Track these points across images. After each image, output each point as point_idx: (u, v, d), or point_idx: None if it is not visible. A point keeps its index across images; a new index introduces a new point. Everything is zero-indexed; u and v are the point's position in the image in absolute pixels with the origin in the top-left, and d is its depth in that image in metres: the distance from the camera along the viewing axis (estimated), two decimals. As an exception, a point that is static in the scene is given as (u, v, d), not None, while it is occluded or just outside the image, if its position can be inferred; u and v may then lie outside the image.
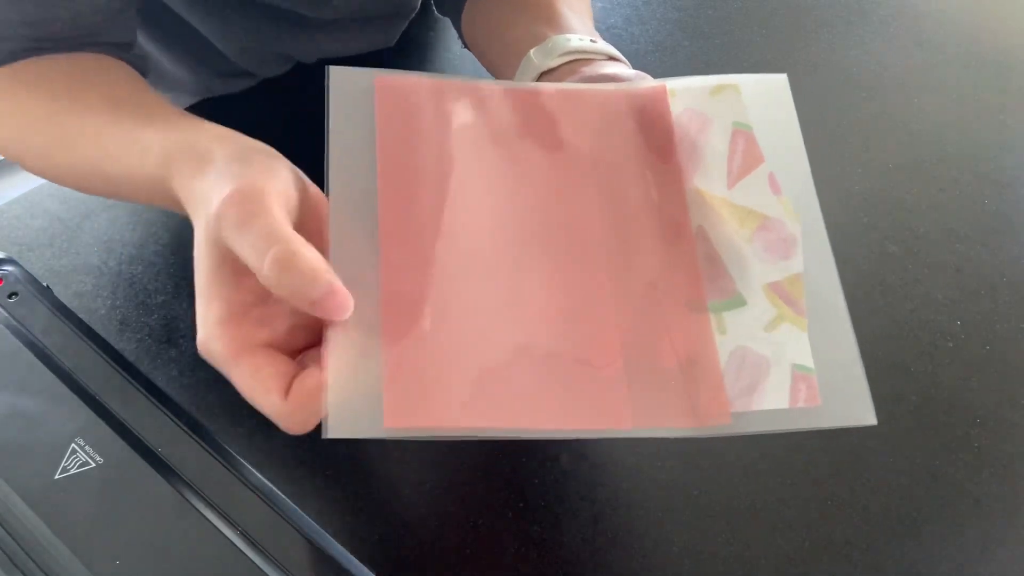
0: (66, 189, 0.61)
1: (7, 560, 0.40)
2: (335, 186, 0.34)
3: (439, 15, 0.65)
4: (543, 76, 0.43)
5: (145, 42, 0.65)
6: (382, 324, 0.32)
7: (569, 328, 0.34)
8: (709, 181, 0.37)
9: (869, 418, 0.34)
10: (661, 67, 0.73)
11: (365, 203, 0.34)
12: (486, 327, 0.33)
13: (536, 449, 0.46)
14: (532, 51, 0.45)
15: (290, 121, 0.67)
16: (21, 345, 0.48)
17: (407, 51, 0.73)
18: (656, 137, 0.38)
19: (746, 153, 0.37)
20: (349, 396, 0.31)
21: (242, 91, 0.69)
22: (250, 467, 0.44)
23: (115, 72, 0.47)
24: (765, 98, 0.38)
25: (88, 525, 0.41)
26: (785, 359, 0.35)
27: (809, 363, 0.35)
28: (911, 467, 0.46)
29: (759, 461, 0.46)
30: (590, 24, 0.51)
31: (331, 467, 0.46)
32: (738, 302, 0.35)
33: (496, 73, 0.53)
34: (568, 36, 0.44)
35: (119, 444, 0.44)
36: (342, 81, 0.35)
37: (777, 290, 0.36)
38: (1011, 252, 0.58)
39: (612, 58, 0.44)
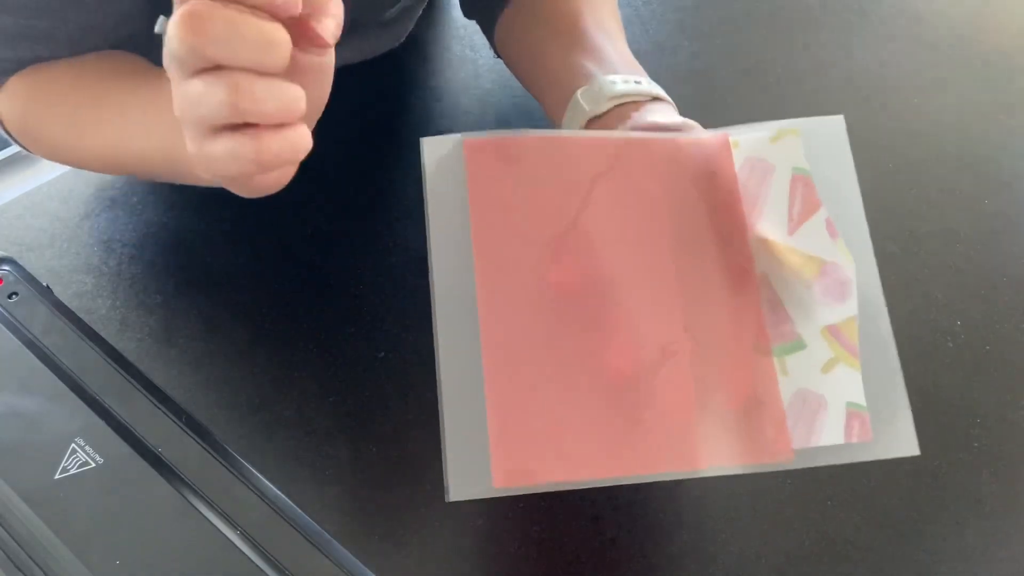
0: (66, 189, 0.61)
1: (7, 560, 0.40)
2: (436, 254, 0.37)
3: (466, 18, 0.65)
4: (591, 122, 0.44)
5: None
6: (486, 387, 0.36)
7: (649, 376, 0.37)
8: (771, 228, 0.38)
9: (914, 450, 0.37)
10: (661, 67, 0.73)
11: (464, 268, 0.37)
12: (575, 380, 0.36)
13: (536, 449, 0.46)
14: (579, 94, 0.45)
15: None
16: (21, 345, 0.48)
17: (410, 50, 0.73)
18: (721, 188, 0.39)
19: (804, 199, 0.39)
20: (465, 458, 0.35)
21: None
22: (250, 467, 0.44)
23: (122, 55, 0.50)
24: (822, 141, 0.40)
25: (88, 525, 0.41)
26: (840, 398, 0.37)
27: (862, 401, 0.37)
28: (911, 467, 0.46)
29: (759, 461, 0.46)
30: (622, 45, 0.50)
31: (331, 467, 0.46)
32: (798, 346, 0.38)
33: (534, 94, 0.53)
34: (614, 79, 0.44)
35: (119, 444, 0.44)
36: (434, 149, 0.38)
37: (834, 333, 0.38)
38: (1011, 252, 0.58)
39: (657, 98, 0.44)
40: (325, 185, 0.61)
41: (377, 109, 0.68)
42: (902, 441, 0.37)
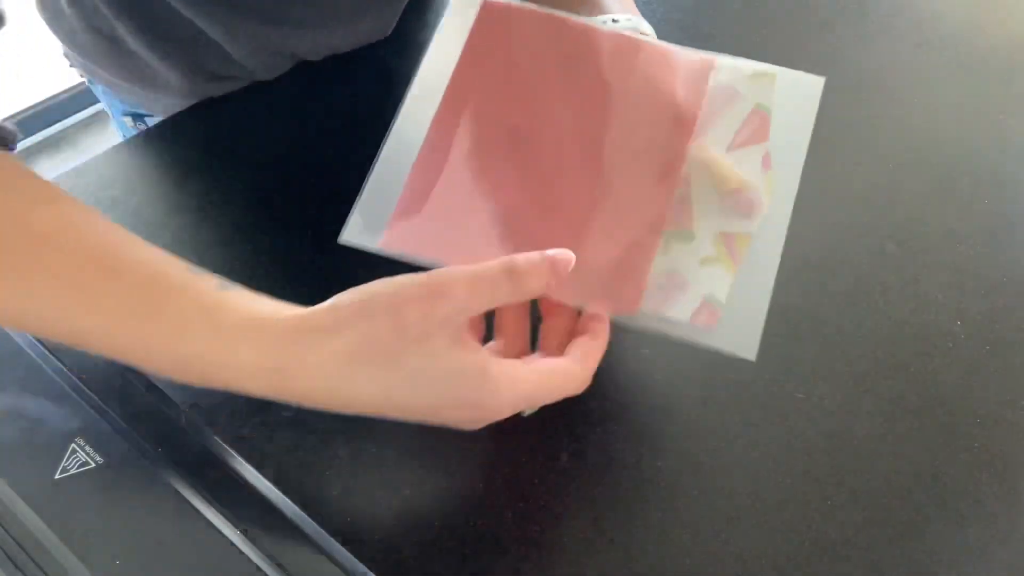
0: (66, 190, 0.61)
1: (7, 560, 0.40)
2: (420, 78, 0.45)
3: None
4: None
5: (138, 46, 0.65)
6: (410, 173, 0.43)
7: (541, 218, 0.42)
8: (713, 140, 0.42)
9: (750, 355, 0.40)
10: (661, 67, 0.73)
11: (436, 94, 0.44)
12: (485, 200, 0.42)
13: (536, 449, 0.46)
14: None
15: (288, 121, 0.67)
16: (21, 345, 0.48)
17: (405, 44, 0.73)
18: (688, 100, 0.43)
19: (755, 130, 0.42)
20: (369, 216, 0.42)
21: (236, 92, 0.69)
22: (250, 467, 0.44)
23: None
24: (794, 92, 0.43)
25: (88, 525, 0.41)
26: (704, 289, 0.41)
27: (721, 298, 0.41)
28: (911, 467, 0.46)
29: (759, 461, 0.46)
30: None
31: (331, 467, 0.46)
32: (688, 236, 0.41)
33: None
34: (600, 20, 0.46)
35: (119, 444, 0.44)
36: (461, 3, 0.45)
37: (725, 239, 0.41)
38: (1011, 252, 0.58)
39: (640, 32, 0.47)
40: (325, 185, 0.61)
41: (374, 106, 0.68)
42: (743, 342, 0.40)
